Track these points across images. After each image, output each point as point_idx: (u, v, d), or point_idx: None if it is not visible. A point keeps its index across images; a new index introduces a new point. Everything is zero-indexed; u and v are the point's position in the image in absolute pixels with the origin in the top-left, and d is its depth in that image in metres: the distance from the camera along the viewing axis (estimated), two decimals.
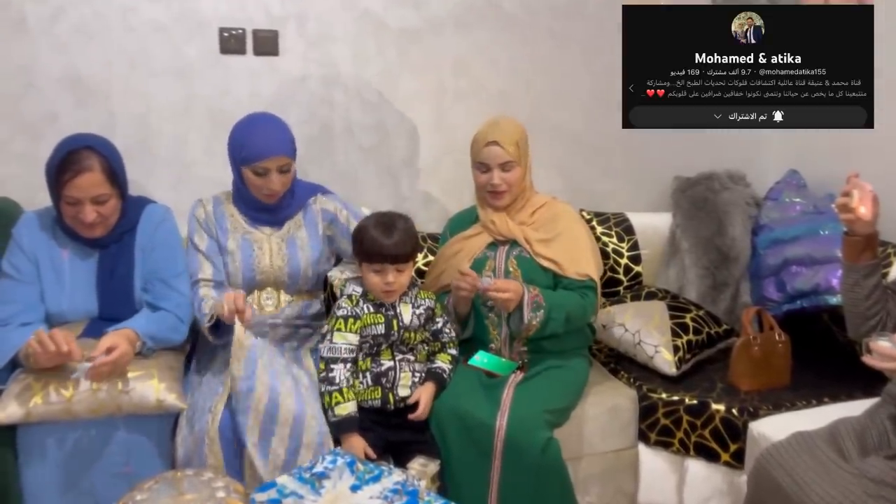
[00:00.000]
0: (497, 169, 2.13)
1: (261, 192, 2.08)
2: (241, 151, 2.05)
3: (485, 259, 2.18)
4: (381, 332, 1.99)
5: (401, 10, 2.66)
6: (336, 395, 1.91)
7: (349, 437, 1.89)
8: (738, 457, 2.13)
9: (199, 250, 2.11)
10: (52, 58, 2.40)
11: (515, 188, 2.17)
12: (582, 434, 2.18)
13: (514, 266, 2.15)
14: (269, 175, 2.04)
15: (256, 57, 2.56)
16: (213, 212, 2.14)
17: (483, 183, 2.16)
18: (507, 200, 2.17)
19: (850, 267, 1.78)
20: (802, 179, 2.81)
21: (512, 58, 2.80)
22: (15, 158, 2.40)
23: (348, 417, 1.90)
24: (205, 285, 2.08)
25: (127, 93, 2.48)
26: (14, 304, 1.91)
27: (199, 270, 2.10)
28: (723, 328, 2.50)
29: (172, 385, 1.87)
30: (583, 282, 2.13)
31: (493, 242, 2.20)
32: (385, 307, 2.01)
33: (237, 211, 2.16)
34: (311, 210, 2.21)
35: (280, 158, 2.04)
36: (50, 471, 1.80)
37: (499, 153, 2.12)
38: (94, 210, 1.89)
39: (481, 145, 2.15)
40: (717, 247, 2.73)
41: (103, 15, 2.41)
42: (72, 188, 1.86)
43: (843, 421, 1.76)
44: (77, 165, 1.86)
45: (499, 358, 2.14)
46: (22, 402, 1.75)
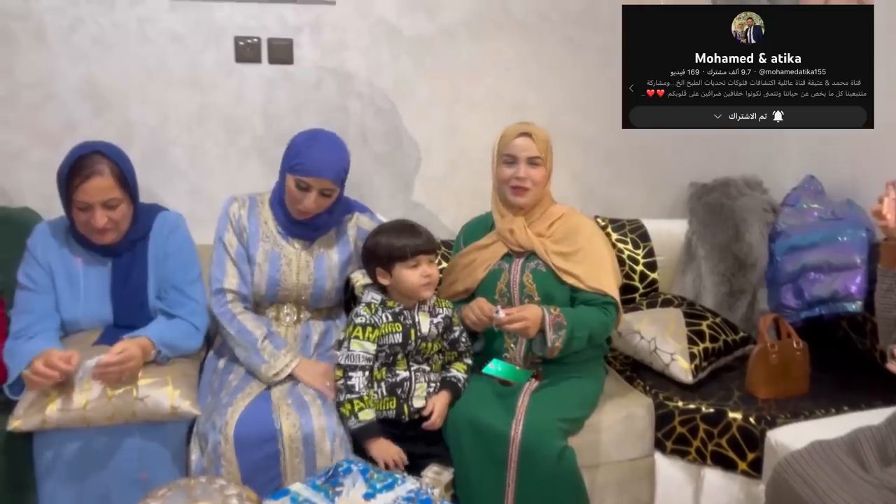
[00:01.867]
0: (524, 163, 2.11)
1: (294, 206, 2.06)
2: (293, 159, 2.02)
3: (500, 271, 2.16)
4: (399, 342, 1.98)
5: (414, 18, 2.67)
6: (357, 402, 1.91)
7: (376, 441, 1.90)
8: (755, 466, 2.10)
9: (228, 252, 2.07)
10: (70, 68, 2.44)
11: (538, 189, 2.14)
12: (598, 443, 2.16)
13: (530, 280, 2.12)
14: (309, 192, 2.01)
15: (271, 65, 2.58)
16: (247, 215, 2.11)
17: (507, 177, 2.13)
18: (528, 199, 2.14)
19: (884, 272, 1.76)
20: (820, 185, 2.78)
21: (525, 65, 2.80)
22: (34, 168, 2.44)
23: (372, 423, 1.91)
24: (232, 298, 2.06)
25: (144, 102, 2.51)
26: (30, 314, 1.94)
27: (225, 277, 2.06)
28: (739, 336, 2.48)
29: (187, 392, 1.88)
30: (604, 297, 2.09)
31: (508, 254, 2.18)
32: (403, 316, 2.00)
33: (272, 217, 2.13)
34: (345, 228, 2.19)
35: (325, 182, 2.01)
36: (65, 478, 1.81)
37: (529, 145, 2.11)
38: (105, 215, 1.91)
39: (511, 137, 2.13)
40: (734, 253, 2.70)
41: (121, 26, 2.45)
42: (82, 193, 1.87)
43: (862, 430, 1.73)
44: (87, 170, 1.88)
45: (513, 366, 2.13)
46: (38, 409, 1.77)
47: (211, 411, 1.90)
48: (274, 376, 1.94)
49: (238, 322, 2.02)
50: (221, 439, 1.80)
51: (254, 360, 1.97)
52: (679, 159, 2.97)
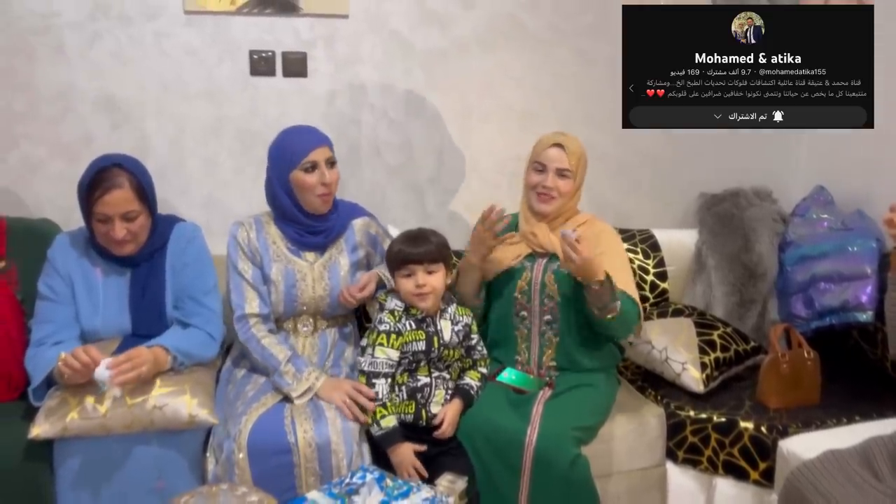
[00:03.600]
0: (552, 173, 2.13)
1: (315, 194, 2.07)
2: (287, 157, 2.06)
3: (521, 269, 2.18)
4: (422, 349, 2.00)
5: (427, 31, 2.70)
6: (380, 409, 1.93)
7: (398, 447, 1.92)
8: (767, 475, 2.11)
9: (244, 279, 2.09)
10: (88, 82, 2.48)
11: (563, 200, 2.16)
12: (609, 452, 2.17)
13: (552, 280, 2.13)
14: (319, 169, 2.06)
15: (285, 78, 2.62)
16: (256, 237, 2.13)
17: (535, 183, 2.16)
18: (552, 207, 2.16)
19: (894, 281, 1.76)
20: (829, 195, 2.79)
21: (537, 77, 2.83)
22: (53, 180, 2.48)
23: (395, 429, 1.93)
24: (255, 322, 2.08)
25: (160, 115, 2.55)
26: (51, 323, 1.97)
27: (246, 303, 2.08)
28: (750, 345, 2.48)
29: (204, 400, 1.90)
30: (630, 300, 2.07)
31: (531, 254, 2.20)
32: (426, 323, 2.02)
33: (279, 236, 2.14)
34: (352, 233, 2.21)
35: (325, 150, 2.08)
36: (85, 486, 1.83)
37: (560, 157, 2.13)
38: (125, 227, 1.93)
39: (545, 146, 2.16)
40: (744, 263, 2.71)
41: (138, 40, 2.48)
42: (102, 205, 1.90)
43: (875, 440, 1.74)
44: (107, 183, 1.91)
45: (526, 375, 2.15)
46: (58, 417, 1.79)
47: (226, 420, 1.92)
48: (298, 398, 1.96)
49: (262, 347, 2.04)
50: (235, 448, 1.82)
51: (279, 383, 1.99)
52: (689, 170, 2.99)
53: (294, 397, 1.95)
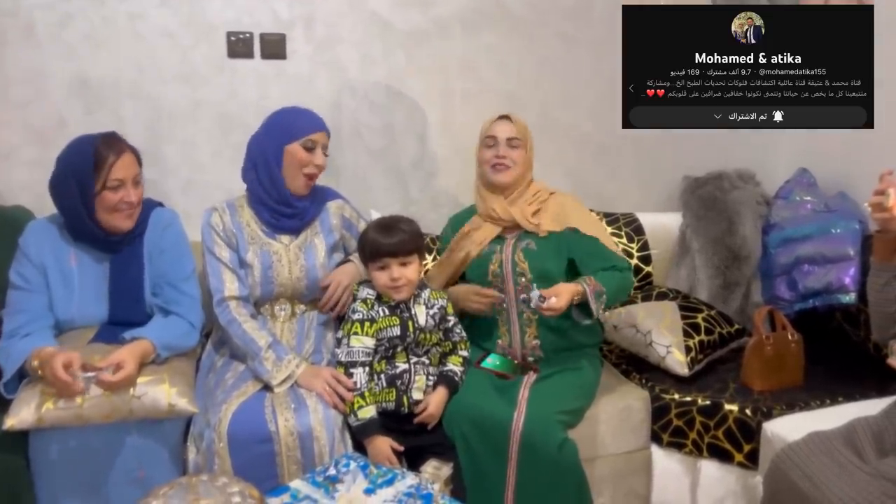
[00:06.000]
0: (503, 144, 2.17)
1: (304, 172, 2.07)
2: (289, 129, 2.07)
3: (491, 253, 2.19)
4: (397, 334, 1.99)
5: (408, 12, 2.66)
6: (357, 399, 1.92)
7: (374, 439, 1.90)
8: (751, 457, 2.12)
9: (222, 262, 2.07)
10: (60, 64, 2.41)
11: (518, 169, 2.19)
12: (594, 435, 2.17)
13: (521, 258, 2.14)
14: (316, 150, 2.07)
15: (264, 60, 2.57)
16: (230, 221, 2.11)
17: (489, 157, 2.19)
18: (510, 177, 2.18)
19: (880, 267, 1.76)
20: (812, 178, 2.79)
21: (520, 59, 2.80)
22: (26, 166, 2.42)
23: (371, 420, 1.91)
24: (236, 305, 2.05)
25: (135, 98, 2.49)
26: (23, 313, 1.91)
27: (224, 286, 2.06)
28: (734, 328, 2.49)
29: (184, 389, 1.87)
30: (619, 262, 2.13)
31: (499, 236, 2.20)
32: (400, 309, 2.01)
33: (254, 219, 2.12)
34: (327, 215, 2.20)
35: (325, 136, 2.11)
36: (63, 477, 1.79)
37: (507, 127, 2.19)
38: (135, 192, 1.93)
39: (492, 121, 2.23)
40: (728, 246, 2.72)
41: (111, 21, 2.43)
42: (118, 170, 1.89)
43: (859, 421, 1.75)
44: (117, 147, 1.91)
45: (510, 360, 2.14)
46: (34, 408, 1.74)
47: (206, 409, 1.89)
48: (278, 386, 1.94)
49: (243, 331, 2.01)
50: (215, 437, 1.80)
51: (258, 370, 1.97)
52: (672, 153, 2.98)
53: (274, 385, 1.93)
